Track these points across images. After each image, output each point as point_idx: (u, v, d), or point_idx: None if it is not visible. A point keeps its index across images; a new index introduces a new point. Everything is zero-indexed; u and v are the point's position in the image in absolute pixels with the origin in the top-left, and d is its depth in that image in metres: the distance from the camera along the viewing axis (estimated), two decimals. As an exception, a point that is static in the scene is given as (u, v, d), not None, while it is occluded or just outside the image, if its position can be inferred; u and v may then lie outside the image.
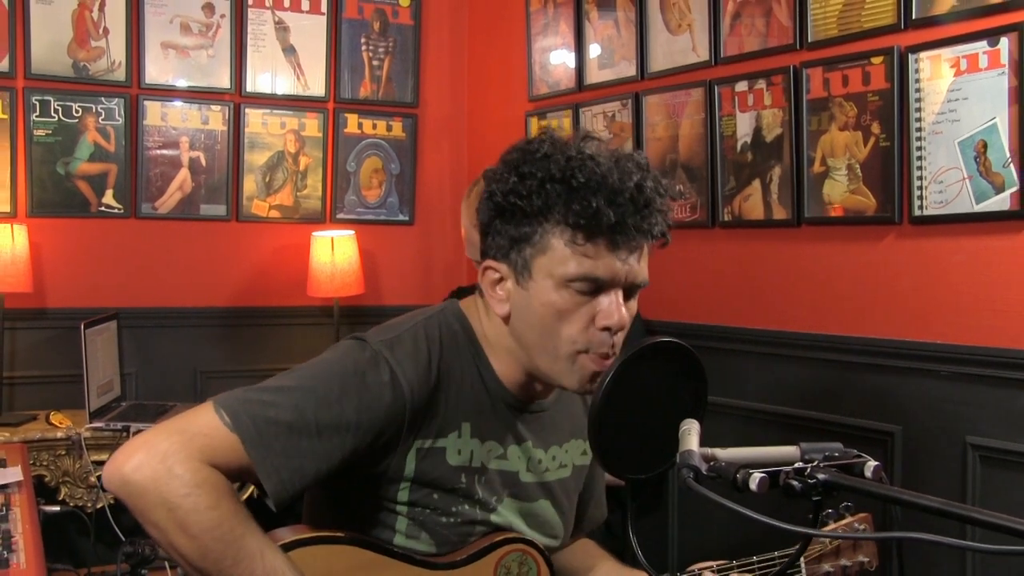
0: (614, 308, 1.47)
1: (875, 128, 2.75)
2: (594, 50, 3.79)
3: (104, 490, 1.93)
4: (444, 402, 1.54)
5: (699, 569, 1.70)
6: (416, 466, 1.53)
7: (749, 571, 1.72)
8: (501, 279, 1.53)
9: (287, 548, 1.46)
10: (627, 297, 1.50)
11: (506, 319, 1.54)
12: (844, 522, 1.80)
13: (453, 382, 1.55)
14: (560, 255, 1.46)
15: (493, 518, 1.60)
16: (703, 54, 3.30)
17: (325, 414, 1.43)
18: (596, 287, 1.47)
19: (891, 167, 2.71)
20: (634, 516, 1.34)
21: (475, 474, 1.58)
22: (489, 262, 1.53)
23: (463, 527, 1.58)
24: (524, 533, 1.63)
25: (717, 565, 1.71)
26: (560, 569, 1.70)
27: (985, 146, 2.49)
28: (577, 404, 1.74)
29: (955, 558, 2.56)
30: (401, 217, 4.59)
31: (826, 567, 1.78)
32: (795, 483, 1.08)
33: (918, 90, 2.64)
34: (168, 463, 1.35)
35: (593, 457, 1.32)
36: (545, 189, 1.45)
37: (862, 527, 1.82)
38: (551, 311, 1.48)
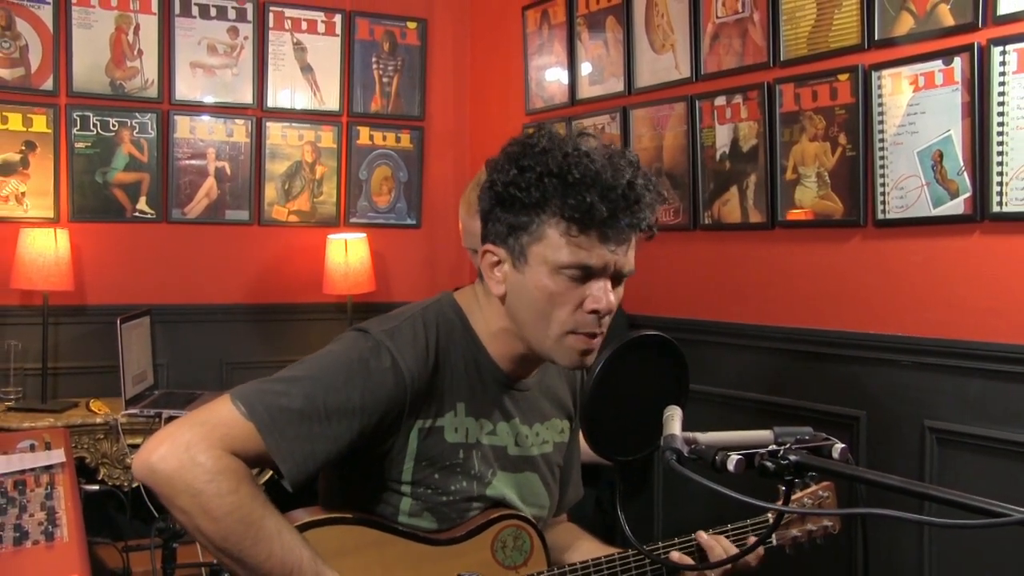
0: (602, 294, 1.47)
1: (842, 139, 2.76)
2: (585, 68, 3.79)
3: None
4: (441, 384, 1.54)
5: (680, 542, 1.70)
6: (418, 444, 1.53)
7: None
8: (499, 262, 1.53)
9: (302, 529, 1.46)
10: (614, 284, 1.51)
11: (502, 299, 1.54)
12: (809, 490, 1.81)
13: (449, 365, 1.55)
14: (555, 244, 1.46)
15: (488, 492, 1.61)
16: (685, 71, 3.31)
17: (333, 400, 1.44)
18: (587, 274, 1.47)
19: (856, 174, 2.72)
20: (622, 495, 1.35)
21: (471, 449, 1.59)
22: (488, 246, 1.54)
23: (462, 504, 1.58)
24: (516, 504, 1.64)
25: (694, 535, 1.72)
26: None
27: (941, 156, 2.50)
28: (558, 386, 1.75)
29: (914, 531, 2.57)
30: (409, 221, 4.60)
31: (794, 532, 1.79)
32: (769, 464, 1.09)
33: (880, 104, 2.64)
34: (191, 452, 1.35)
35: (585, 441, 1.33)
36: (543, 183, 1.45)
37: (826, 494, 1.83)
38: (544, 294, 1.48)
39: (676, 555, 1.69)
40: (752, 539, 1.74)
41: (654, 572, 1.67)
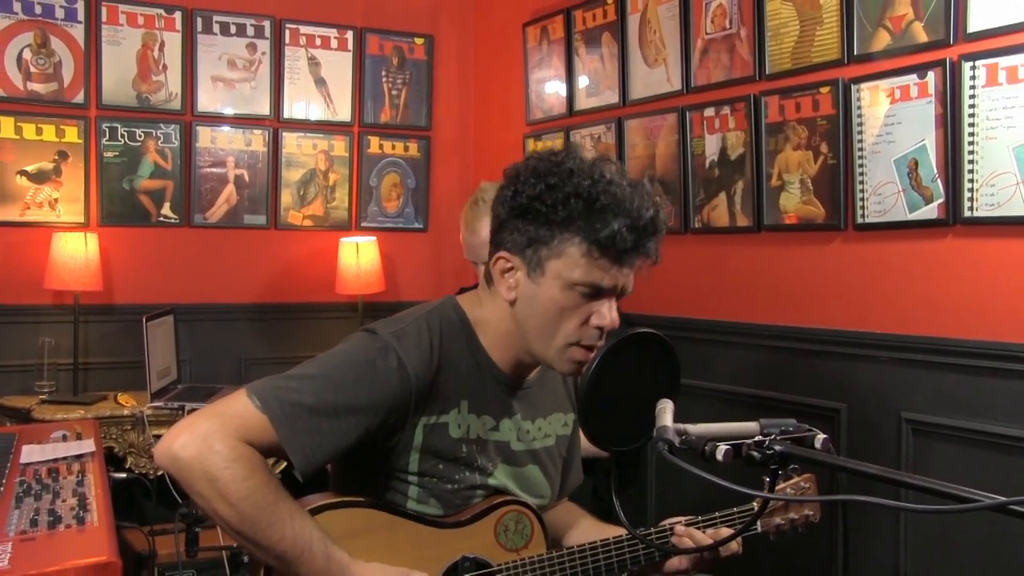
0: (608, 311, 1.49)
1: (824, 148, 2.76)
2: (582, 81, 3.79)
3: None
4: (445, 383, 1.54)
5: (670, 524, 1.71)
6: (423, 439, 1.54)
7: (712, 525, 1.73)
8: (512, 269, 1.53)
9: (315, 512, 1.47)
10: (616, 301, 1.52)
11: (512, 303, 1.54)
12: (792, 481, 1.81)
13: (452, 366, 1.55)
14: (573, 262, 1.46)
15: (491, 482, 1.61)
16: (676, 84, 3.31)
17: (342, 397, 1.44)
18: (596, 292, 1.48)
19: (837, 181, 2.72)
20: (617, 482, 1.35)
21: (474, 444, 1.59)
22: (503, 253, 1.53)
23: (465, 492, 1.59)
24: (517, 495, 1.64)
25: (685, 520, 1.72)
26: (548, 527, 1.71)
27: (916, 164, 2.50)
28: (558, 382, 1.75)
29: (891, 516, 2.57)
30: (416, 225, 4.60)
31: (777, 520, 1.79)
32: (755, 454, 1.09)
33: (860, 115, 2.65)
34: (209, 441, 1.36)
35: (582, 431, 1.33)
36: (569, 203, 1.45)
37: (807, 485, 1.83)
38: (555, 307, 1.48)
39: (683, 532, 1.68)
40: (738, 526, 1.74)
41: (646, 555, 1.67)
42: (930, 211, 2.48)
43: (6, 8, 3.75)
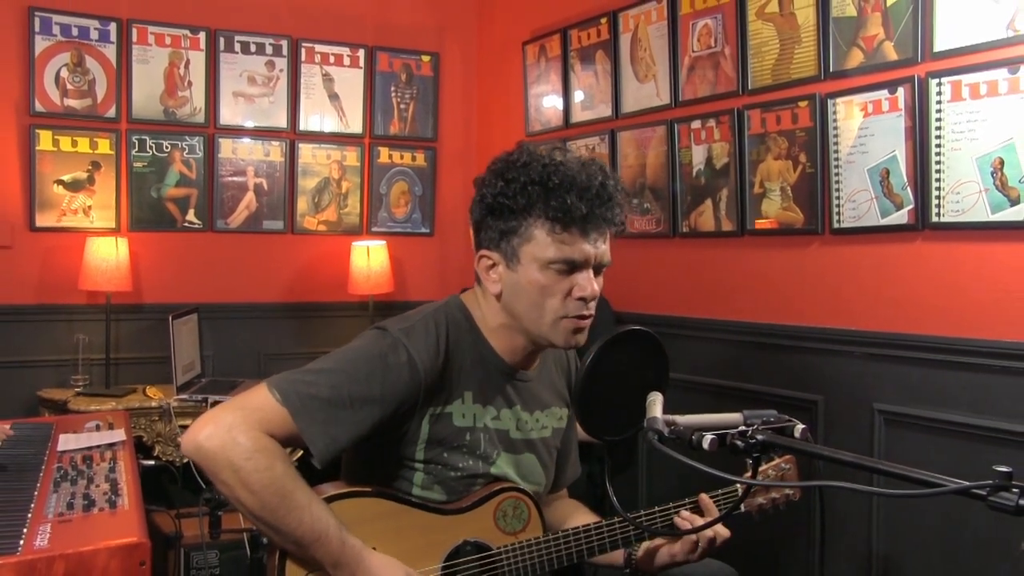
0: (587, 283, 1.50)
1: (802, 158, 2.76)
2: (578, 95, 3.79)
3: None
4: (451, 376, 1.55)
5: (661, 508, 1.71)
6: (430, 429, 1.54)
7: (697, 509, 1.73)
8: (493, 265, 1.55)
9: (328, 501, 1.47)
10: (595, 274, 1.53)
11: (498, 297, 1.55)
12: (773, 463, 1.82)
13: (457, 359, 1.56)
14: (542, 243, 1.48)
15: (492, 470, 1.61)
16: (665, 98, 3.31)
17: (356, 390, 1.44)
18: (572, 267, 1.49)
19: (815, 189, 2.72)
20: (611, 470, 1.36)
21: (477, 432, 1.59)
22: (483, 251, 1.55)
23: (468, 479, 1.59)
24: (516, 482, 1.65)
25: (674, 504, 1.72)
26: (547, 519, 1.71)
27: (888, 173, 2.50)
28: (556, 378, 1.75)
29: (864, 500, 2.57)
30: (423, 230, 4.60)
31: (759, 500, 1.79)
32: (739, 443, 1.09)
33: (835, 128, 2.65)
34: (233, 433, 1.36)
35: (577, 422, 1.34)
36: (527, 190, 1.48)
37: (788, 467, 1.84)
38: (536, 288, 1.50)
39: (678, 519, 1.69)
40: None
41: (637, 537, 1.68)
42: (900, 217, 2.48)
43: (46, 31, 3.77)
